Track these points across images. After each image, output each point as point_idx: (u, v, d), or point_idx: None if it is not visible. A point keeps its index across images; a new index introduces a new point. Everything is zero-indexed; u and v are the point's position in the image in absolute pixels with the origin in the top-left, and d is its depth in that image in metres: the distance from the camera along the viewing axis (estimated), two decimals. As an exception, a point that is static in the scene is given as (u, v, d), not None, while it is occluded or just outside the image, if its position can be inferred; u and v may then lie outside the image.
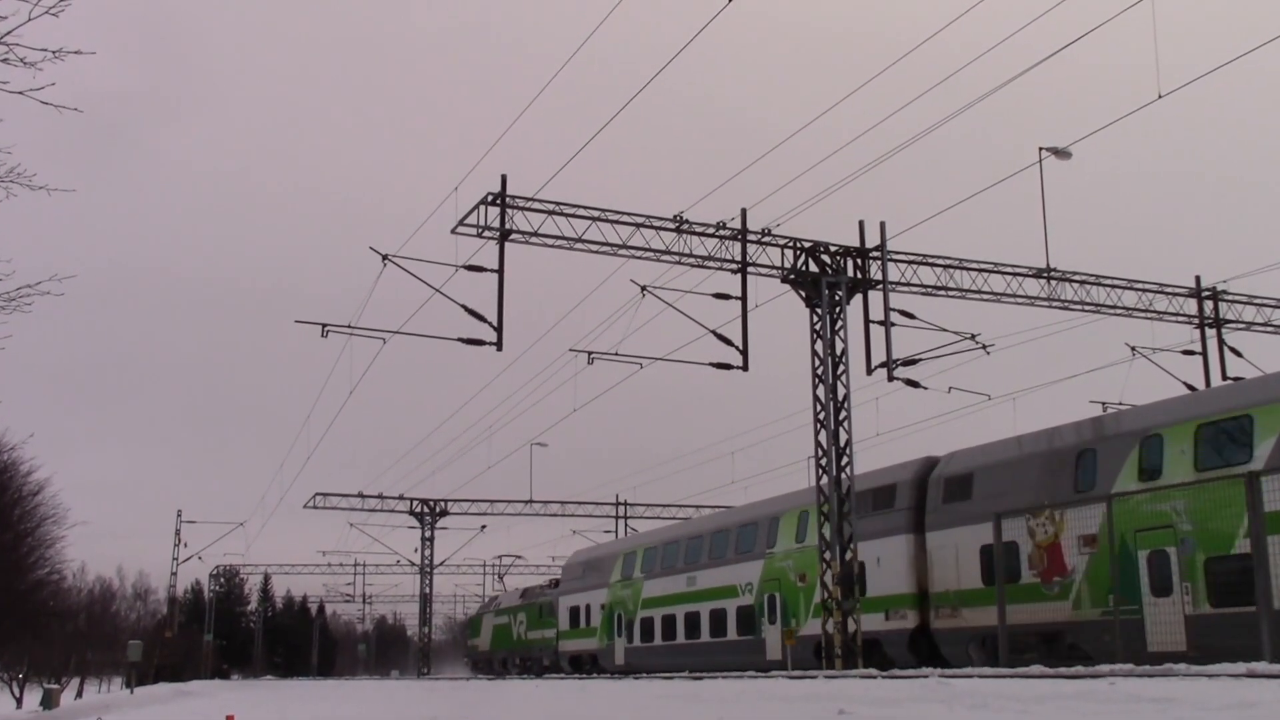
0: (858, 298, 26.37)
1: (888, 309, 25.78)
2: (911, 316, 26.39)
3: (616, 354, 26.05)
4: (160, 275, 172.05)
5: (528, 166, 25.81)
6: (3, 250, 11.33)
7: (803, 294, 26.14)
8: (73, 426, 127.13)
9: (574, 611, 43.38)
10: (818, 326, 25.91)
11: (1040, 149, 25.23)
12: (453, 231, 23.83)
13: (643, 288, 25.67)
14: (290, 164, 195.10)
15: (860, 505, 25.67)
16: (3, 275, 11.44)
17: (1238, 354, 29.99)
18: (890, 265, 26.22)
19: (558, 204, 24.30)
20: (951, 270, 27.20)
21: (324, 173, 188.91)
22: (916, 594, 24.91)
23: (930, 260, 27.00)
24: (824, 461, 25.53)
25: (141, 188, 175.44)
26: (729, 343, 25.68)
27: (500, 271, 23.63)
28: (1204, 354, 29.60)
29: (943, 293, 27.13)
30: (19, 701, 46.77)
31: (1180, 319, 29.63)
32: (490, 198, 23.71)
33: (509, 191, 23.80)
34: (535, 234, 24.15)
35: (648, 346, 26.68)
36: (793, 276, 26.09)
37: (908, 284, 26.72)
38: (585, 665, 42.04)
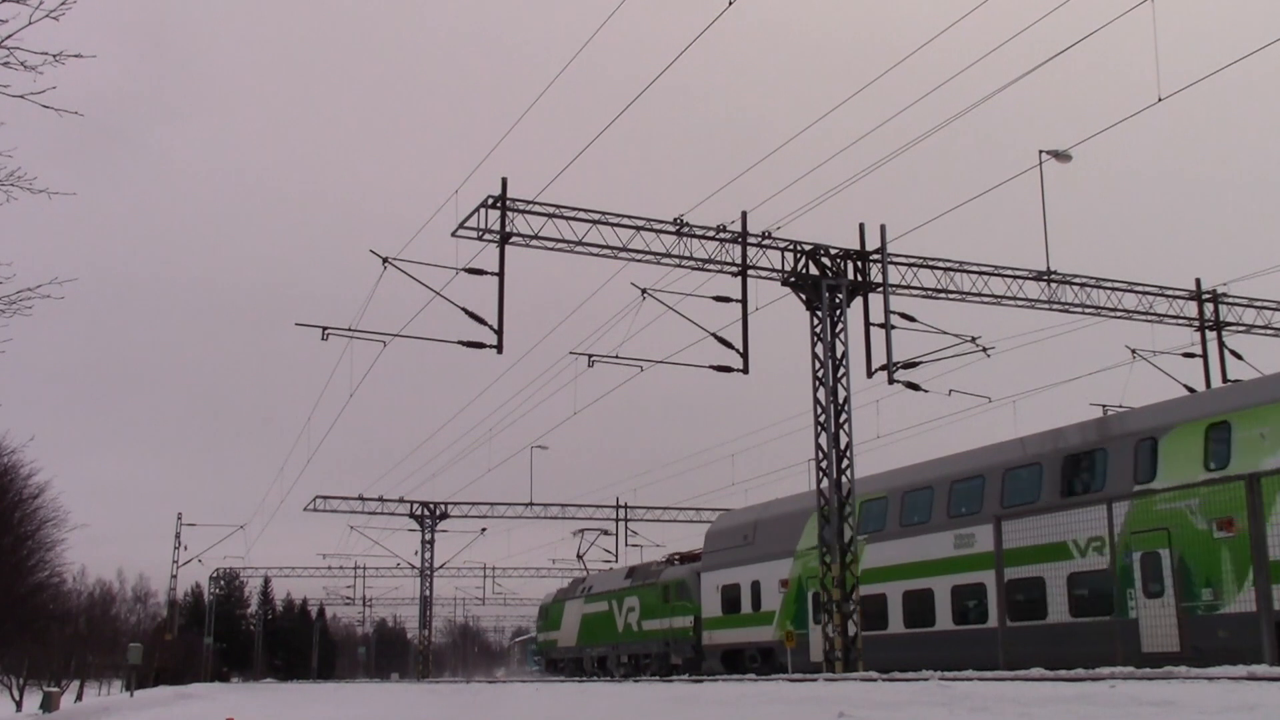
0: (858, 300, 26.37)
1: (888, 312, 25.79)
2: (912, 319, 26.41)
3: (617, 357, 26.05)
4: (160, 278, 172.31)
5: (528, 169, 25.84)
6: (3, 253, 11.36)
7: (803, 297, 26.15)
8: (73, 429, 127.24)
9: (729, 591, 33.11)
10: (818, 329, 25.91)
11: (1040, 152, 25.26)
12: (453, 234, 23.85)
13: (643, 290, 25.69)
14: (290, 167, 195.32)
15: None
16: (3, 279, 11.46)
17: (1238, 357, 30.00)
18: (891, 268, 26.24)
19: (558, 207, 24.32)
20: (952, 273, 27.23)
21: (324, 176, 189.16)
22: None
23: (931, 263, 27.02)
24: (824, 464, 25.52)
25: (141, 190, 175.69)
26: (729, 345, 25.69)
27: (501, 274, 23.63)
28: (1204, 357, 29.60)
29: (943, 295, 27.15)
30: (19, 704, 46.73)
31: (1181, 322, 29.64)
32: (491, 201, 23.72)
33: (509, 194, 23.82)
34: (536, 237, 24.16)
35: (648, 349, 26.72)
36: (793, 279, 26.10)
37: (908, 287, 26.73)
38: (750, 662, 32.16)
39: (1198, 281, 30.02)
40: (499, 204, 23.73)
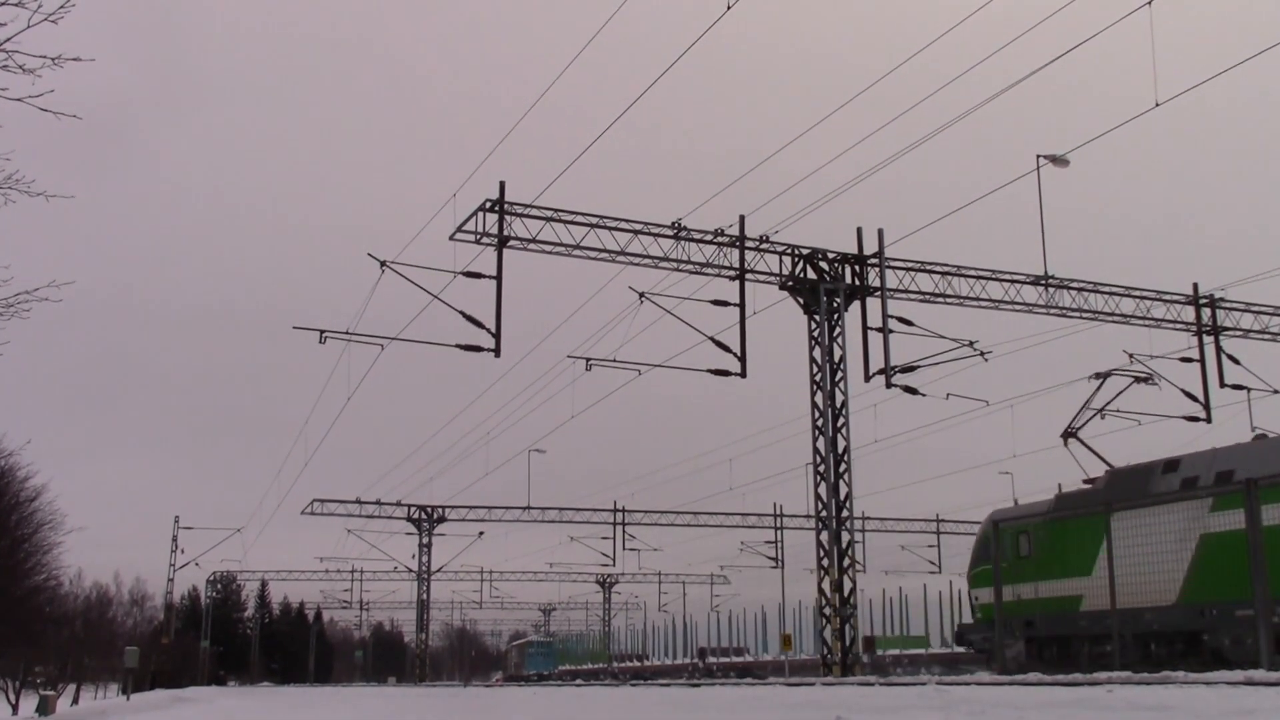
0: (856, 304, 26.41)
1: (886, 316, 25.83)
2: (909, 323, 26.43)
3: (614, 360, 26.05)
4: (158, 281, 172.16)
5: (526, 173, 25.85)
6: (1, 256, 11.35)
7: (801, 301, 26.17)
8: (71, 432, 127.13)
9: None
10: (816, 333, 25.94)
11: (1038, 156, 25.26)
12: (451, 238, 23.86)
13: (641, 294, 25.70)
14: (289, 170, 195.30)
15: None
16: (1, 281, 11.44)
17: (1235, 361, 30.06)
18: (888, 272, 26.28)
19: (556, 210, 24.35)
20: (949, 277, 27.27)
21: (322, 179, 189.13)
22: None
23: (928, 267, 27.06)
24: (822, 468, 25.53)
25: (140, 193, 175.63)
26: (727, 349, 25.70)
27: (498, 278, 23.66)
28: (1202, 361, 29.65)
29: (941, 299, 27.18)
30: (15, 708, 46.66)
31: (1178, 326, 29.69)
32: (488, 204, 23.75)
33: (507, 198, 23.86)
34: (533, 240, 24.19)
35: (646, 353, 26.68)
36: (791, 283, 26.13)
37: (906, 291, 26.78)
38: None
39: (1195, 286, 30.08)
40: (497, 207, 23.76)
